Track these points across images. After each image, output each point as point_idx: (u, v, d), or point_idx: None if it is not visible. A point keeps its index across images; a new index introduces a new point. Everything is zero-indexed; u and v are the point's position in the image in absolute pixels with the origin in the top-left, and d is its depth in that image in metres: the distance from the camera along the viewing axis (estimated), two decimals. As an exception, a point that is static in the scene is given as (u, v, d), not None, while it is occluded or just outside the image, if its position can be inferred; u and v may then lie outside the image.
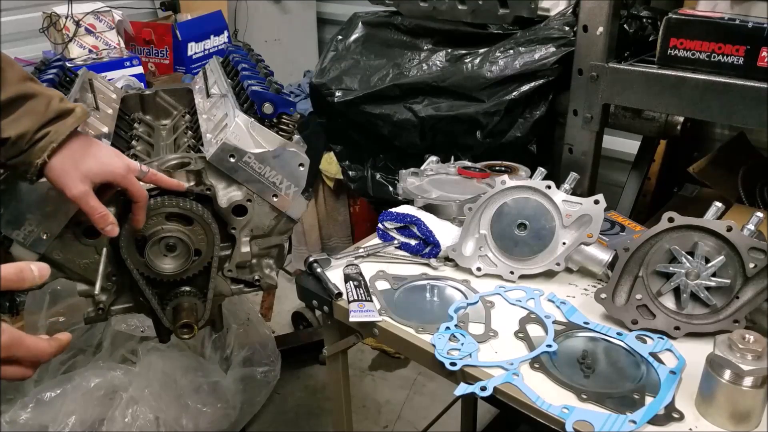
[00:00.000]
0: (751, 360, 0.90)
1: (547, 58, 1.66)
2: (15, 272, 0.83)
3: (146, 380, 1.92)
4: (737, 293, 1.09)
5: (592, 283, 1.32)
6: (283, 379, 2.32)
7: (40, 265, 0.86)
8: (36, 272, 0.85)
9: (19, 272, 0.83)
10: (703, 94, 1.32)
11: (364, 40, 2.09)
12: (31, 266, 0.85)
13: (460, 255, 1.34)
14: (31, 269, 0.85)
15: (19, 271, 0.83)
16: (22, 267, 0.84)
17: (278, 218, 1.33)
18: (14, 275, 0.83)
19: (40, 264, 0.87)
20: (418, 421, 2.47)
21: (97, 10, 2.89)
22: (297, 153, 1.28)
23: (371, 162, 2.16)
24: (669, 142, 2.03)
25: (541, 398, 0.98)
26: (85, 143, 1.10)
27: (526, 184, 1.31)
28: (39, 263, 0.87)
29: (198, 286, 1.34)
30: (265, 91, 1.37)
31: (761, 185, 1.75)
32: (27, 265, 0.85)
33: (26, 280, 0.84)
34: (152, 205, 1.21)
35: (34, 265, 0.86)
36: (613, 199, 1.93)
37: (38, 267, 0.86)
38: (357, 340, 1.30)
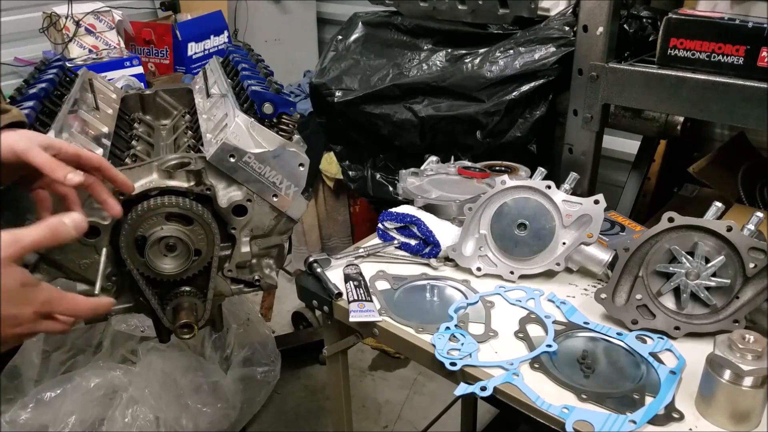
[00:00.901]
0: (751, 360, 0.90)
1: (547, 58, 1.66)
2: (48, 231, 0.81)
3: (146, 380, 1.92)
4: (737, 293, 1.09)
5: (592, 283, 1.32)
6: (283, 379, 2.33)
7: (74, 217, 0.83)
8: (70, 225, 0.83)
9: (53, 230, 0.81)
10: (703, 94, 1.32)
11: (364, 40, 2.09)
12: (63, 220, 0.83)
13: (460, 255, 1.34)
14: (64, 223, 0.82)
15: (52, 228, 0.81)
16: (54, 223, 0.81)
17: (278, 218, 1.33)
18: (49, 234, 0.81)
19: (74, 215, 0.83)
20: (418, 421, 2.47)
21: (97, 10, 2.89)
22: (297, 153, 1.28)
23: (371, 162, 2.16)
24: (669, 142, 2.03)
25: (541, 398, 0.98)
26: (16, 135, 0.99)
27: (526, 184, 1.31)
28: (72, 214, 0.84)
29: (198, 286, 1.34)
30: (265, 91, 1.37)
31: (761, 185, 1.75)
32: (59, 220, 0.82)
33: (61, 235, 0.82)
34: (152, 205, 1.21)
35: (67, 218, 0.83)
36: (613, 199, 1.93)
37: (72, 219, 0.83)
38: (357, 340, 1.30)
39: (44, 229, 0.81)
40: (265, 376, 2.21)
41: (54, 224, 0.82)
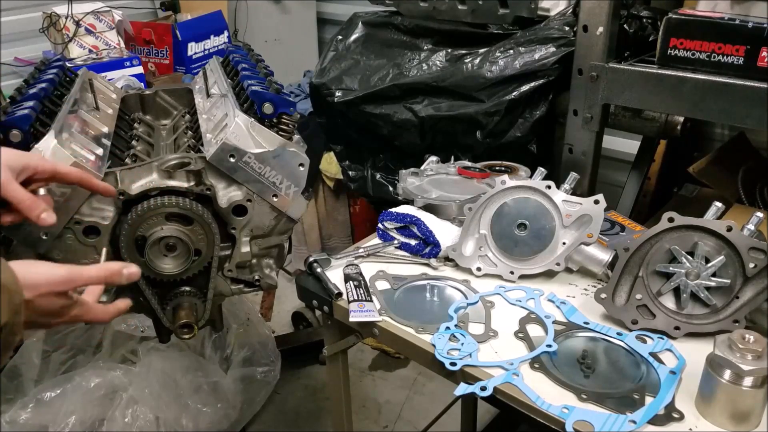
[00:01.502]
0: (751, 360, 0.90)
1: (547, 58, 1.66)
2: (105, 275, 0.93)
3: (146, 380, 1.92)
4: (737, 293, 1.09)
5: (592, 283, 1.32)
6: (283, 379, 2.32)
7: (132, 270, 0.95)
8: (125, 275, 0.94)
9: (109, 276, 0.93)
10: (703, 94, 1.32)
11: (364, 40, 2.09)
12: (123, 271, 0.94)
13: (460, 255, 1.34)
14: (121, 273, 0.94)
15: (109, 274, 0.93)
16: (114, 269, 0.94)
17: (278, 218, 1.33)
18: (103, 279, 0.93)
19: (132, 268, 0.95)
20: (418, 421, 2.47)
21: (97, 10, 2.89)
22: (297, 153, 1.28)
23: (371, 162, 2.16)
24: (669, 142, 2.03)
25: (541, 398, 0.98)
26: None
27: (526, 184, 1.31)
28: (131, 266, 0.95)
29: (198, 286, 1.34)
30: (265, 91, 1.37)
31: (761, 185, 1.75)
32: (119, 269, 0.94)
33: (114, 282, 0.95)
34: (152, 206, 1.21)
35: (125, 269, 0.95)
36: (613, 199, 1.93)
37: (129, 271, 0.95)
38: (357, 340, 1.30)
39: (102, 272, 0.93)
40: (265, 376, 2.21)
41: (113, 270, 0.94)
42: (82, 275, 0.90)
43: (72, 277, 0.88)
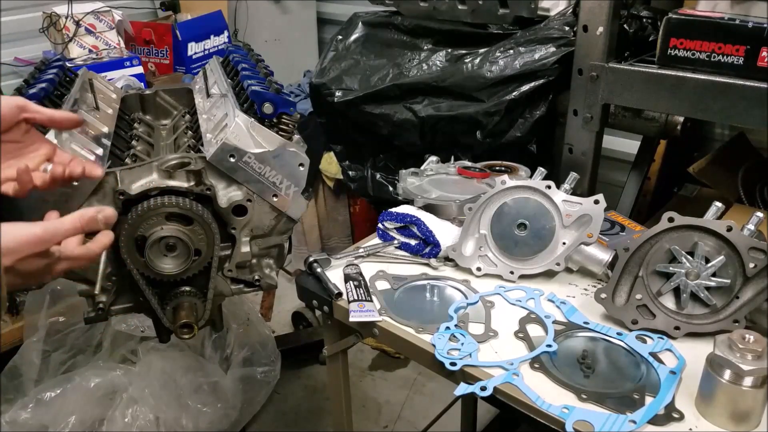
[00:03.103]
0: (751, 360, 0.90)
1: (547, 58, 1.66)
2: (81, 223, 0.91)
3: (146, 380, 1.92)
4: (737, 293, 1.09)
5: (592, 283, 1.32)
6: (283, 379, 2.32)
7: (107, 212, 0.93)
8: (101, 219, 0.93)
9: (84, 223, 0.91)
10: (703, 94, 1.32)
11: (364, 40, 2.09)
12: (98, 216, 0.92)
13: (460, 255, 1.34)
14: (96, 219, 0.92)
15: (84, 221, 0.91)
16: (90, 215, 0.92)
17: (278, 218, 1.33)
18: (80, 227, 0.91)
19: (107, 210, 0.93)
20: (418, 421, 2.47)
21: (97, 10, 2.89)
22: (297, 153, 1.28)
23: (371, 162, 2.16)
24: (669, 142, 2.03)
25: (541, 398, 0.98)
26: None
27: (526, 184, 1.31)
28: (106, 209, 0.93)
29: (198, 286, 1.34)
30: (265, 91, 1.37)
31: (761, 185, 1.75)
32: (93, 214, 0.92)
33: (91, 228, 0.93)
34: (152, 206, 1.21)
35: (101, 213, 0.93)
36: (613, 199, 1.93)
37: (105, 215, 0.92)
38: (357, 340, 1.30)
39: (78, 221, 0.91)
40: (265, 376, 2.21)
41: (89, 217, 0.92)
42: (59, 230, 0.88)
43: (48, 234, 0.87)
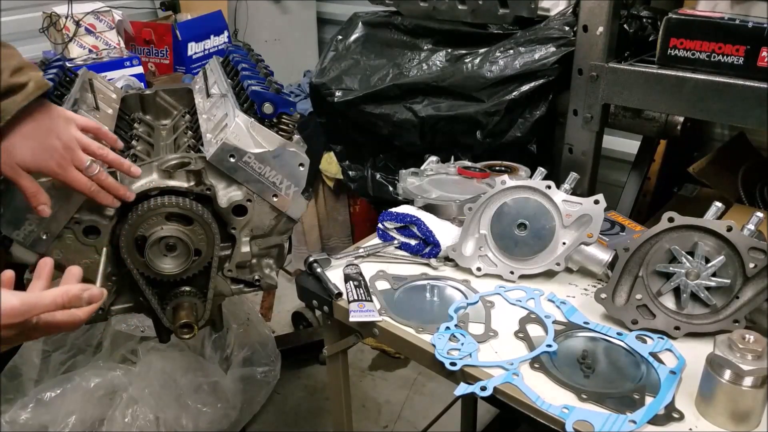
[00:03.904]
0: (751, 360, 0.90)
1: (547, 58, 1.66)
2: (64, 301, 0.88)
3: (146, 380, 1.92)
4: (737, 293, 1.09)
5: (592, 283, 1.32)
6: (283, 379, 2.32)
7: (93, 292, 0.90)
8: (85, 298, 0.89)
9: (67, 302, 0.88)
10: (703, 94, 1.32)
11: (364, 40, 2.09)
12: (83, 296, 0.89)
13: (460, 255, 1.34)
14: (80, 298, 0.89)
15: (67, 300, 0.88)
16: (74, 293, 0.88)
17: (278, 218, 1.33)
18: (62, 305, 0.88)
19: (93, 290, 0.90)
20: (418, 421, 2.47)
21: (97, 10, 2.89)
22: (297, 153, 1.28)
23: (371, 162, 2.16)
24: (669, 142, 2.03)
25: (541, 398, 0.98)
26: (35, 125, 1.06)
27: (526, 184, 1.31)
28: (92, 289, 0.90)
29: (198, 286, 1.34)
30: (265, 91, 1.37)
31: (761, 185, 1.75)
32: (78, 293, 0.88)
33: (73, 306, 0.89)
34: (152, 206, 1.21)
35: (86, 293, 0.89)
36: (613, 199, 1.93)
37: (90, 294, 0.89)
38: (357, 340, 1.30)
39: (60, 298, 0.88)
40: (265, 376, 2.21)
41: (72, 295, 0.89)
42: (37, 305, 0.85)
43: (26, 308, 0.83)
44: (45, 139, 1.07)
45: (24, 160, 1.06)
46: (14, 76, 1.03)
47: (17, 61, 1.04)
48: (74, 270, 0.96)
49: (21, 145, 1.05)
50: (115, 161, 1.15)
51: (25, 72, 1.05)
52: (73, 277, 0.96)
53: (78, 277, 0.96)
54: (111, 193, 1.15)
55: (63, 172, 1.09)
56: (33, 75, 1.06)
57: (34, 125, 1.06)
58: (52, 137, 1.07)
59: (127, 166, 1.16)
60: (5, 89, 1.02)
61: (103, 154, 1.13)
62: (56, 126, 1.08)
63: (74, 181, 1.11)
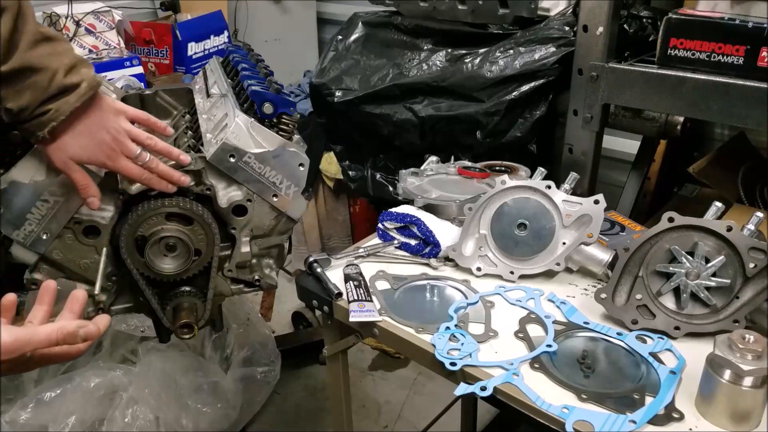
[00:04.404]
0: (751, 360, 0.90)
1: (547, 58, 1.66)
2: (59, 337, 0.86)
3: (146, 380, 1.92)
4: (737, 293, 1.09)
5: (592, 283, 1.32)
6: (283, 379, 2.32)
7: (90, 329, 0.88)
8: (81, 334, 0.88)
9: (63, 337, 0.86)
10: (703, 94, 1.32)
11: (364, 40, 2.09)
12: (79, 332, 0.87)
13: (460, 255, 1.34)
14: (75, 335, 0.87)
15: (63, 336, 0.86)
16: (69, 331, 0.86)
17: (278, 218, 1.33)
18: (58, 340, 0.86)
19: (90, 327, 0.88)
20: (418, 421, 2.47)
21: (97, 10, 2.89)
22: (297, 153, 1.28)
23: (371, 162, 2.16)
24: (669, 142, 2.03)
25: (541, 398, 0.98)
26: (86, 121, 1.09)
27: (526, 184, 1.31)
28: (89, 326, 0.88)
29: (198, 286, 1.34)
30: (265, 91, 1.36)
31: (761, 185, 1.75)
32: (74, 330, 0.86)
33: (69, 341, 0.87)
34: (152, 206, 1.21)
35: (82, 330, 0.87)
36: (613, 199, 1.93)
37: (86, 331, 0.87)
38: (357, 340, 1.30)
39: (55, 334, 0.86)
40: (265, 376, 2.21)
41: (68, 332, 0.87)
42: (31, 341, 0.84)
43: (18, 344, 0.83)
44: (96, 133, 1.10)
45: (76, 154, 1.09)
46: (68, 75, 1.04)
47: (70, 59, 1.06)
48: (78, 295, 0.95)
49: (73, 142, 1.08)
50: (164, 150, 1.17)
51: (78, 70, 1.06)
52: (77, 302, 0.94)
53: (82, 303, 0.95)
54: (164, 179, 1.18)
55: (113, 163, 1.13)
56: (85, 74, 1.07)
57: (85, 121, 1.09)
58: (102, 131, 1.10)
59: (176, 154, 1.18)
60: (59, 90, 1.04)
61: (151, 144, 1.15)
62: (106, 119, 1.11)
63: (125, 170, 1.14)
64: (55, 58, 1.04)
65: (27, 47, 1.01)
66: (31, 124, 1.05)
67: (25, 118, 1.04)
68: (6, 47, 0.99)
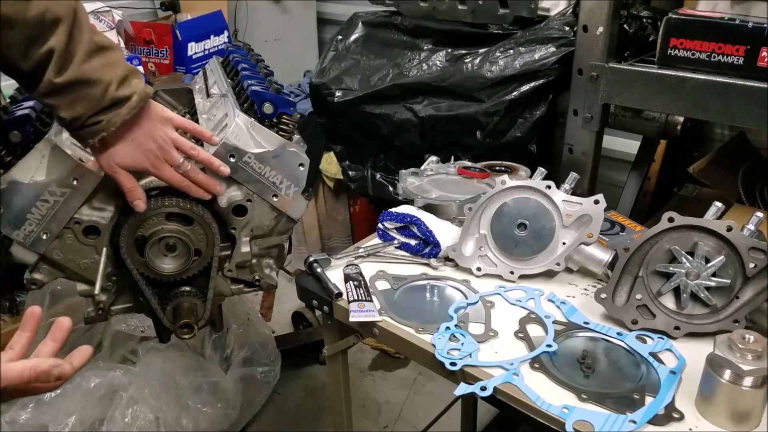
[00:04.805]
0: (751, 360, 0.90)
1: (547, 58, 1.66)
2: (32, 375, 0.83)
3: (146, 380, 1.92)
4: (737, 293, 1.09)
5: (592, 283, 1.32)
6: (283, 379, 2.32)
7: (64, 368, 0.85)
8: (55, 374, 0.85)
9: (36, 376, 0.83)
10: (703, 94, 1.32)
11: (364, 40, 2.09)
12: (53, 372, 0.84)
13: (460, 255, 1.34)
14: (49, 374, 0.84)
15: (36, 374, 0.83)
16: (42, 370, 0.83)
17: (278, 218, 1.33)
18: (32, 378, 0.83)
19: (65, 367, 0.85)
20: (418, 421, 2.47)
21: (97, 10, 2.89)
22: (297, 153, 1.28)
23: (371, 162, 2.16)
24: (669, 142, 2.03)
25: (541, 398, 0.98)
26: (135, 130, 1.12)
27: (526, 184, 1.31)
28: (64, 366, 0.85)
29: (198, 286, 1.34)
30: (265, 91, 1.37)
31: (761, 185, 1.75)
32: (48, 369, 0.84)
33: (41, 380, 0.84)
34: (152, 206, 1.21)
35: (56, 369, 0.85)
36: (613, 199, 1.93)
37: (60, 370, 0.85)
38: (357, 340, 1.30)
39: (27, 372, 0.83)
40: (265, 376, 2.21)
41: (41, 371, 0.84)
42: (4, 377, 0.82)
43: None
44: (143, 142, 1.13)
45: (123, 161, 1.13)
46: (120, 88, 1.07)
47: (122, 70, 1.08)
48: (63, 323, 0.93)
49: (121, 149, 1.12)
50: (206, 160, 1.20)
51: (129, 82, 1.09)
52: (60, 331, 0.92)
53: (66, 331, 0.92)
54: (202, 187, 1.21)
55: (157, 171, 1.16)
56: (136, 85, 1.10)
57: (134, 130, 1.12)
58: (149, 140, 1.14)
59: (217, 165, 1.21)
60: (111, 102, 1.06)
61: (194, 154, 1.18)
62: (154, 128, 1.14)
63: (167, 177, 1.18)
64: (108, 69, 1.06)
65: (82, 59, 1.03)
66: (82, 132, 1.08)
67: (77, 126, 1.07)
68: (62, 59, 1.01)
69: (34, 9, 0.98)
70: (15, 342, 0.90)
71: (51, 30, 1.00)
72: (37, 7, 0.98)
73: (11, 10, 0.97)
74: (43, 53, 1.00)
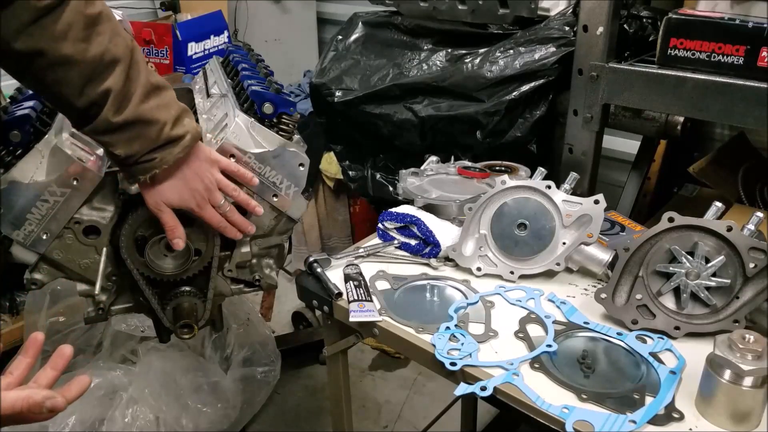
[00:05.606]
0: (751, 360, 0.90)
1: (547, 58, 1.66)
2: (24, 405, 0.83)
3: (146, 380, 1.92)
4: (737, 293, 1.09)
5: (592, 283, 1.32)
6: (283, 379, 2.32)
7: (57, 401, 0.85)
8: (48, 406, 0.85)
9: (30, 406, 0.83)
10: (703, 94, 1.32)
11: (364, 40, 2.09)
12: (46, 404, 0.84)
13: (460, 255, 1.34)
14: (41, 405, 0.84)
15: (29, 405, 0.83)
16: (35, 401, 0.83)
17: (278, 218, 1.33)
18: (25, 407, 0.83)
19: (58, 400, 0.85)
20: (418, 421, 2.47)
21: (97, 10, 2.89)
22: (297, 153, 1.28)
23: (371, 162, 2.16)
24: (669, 142, 2.03)
25: (541, 398, 0.98)
26: (185, 169, 1.15)
27: (526, 184, 1.31)
28: (57, 399, 0.85)
29: (198, 286, 1.34)
30: (265, 91, 1.36)
31: (761, 185, 1.75)
32: (41, 401, 0.84)
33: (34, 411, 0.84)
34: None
35: (49, 401, 0.85)
36: (613, 199, 1.93)
37: (53, 403, 0.85)
38: (357, 340, 1.30)
39: (20, 402, 0.84)
40: (265, 376, 2.21)
41: (33, 402, 0.84)
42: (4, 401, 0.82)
43: None
44: (190, 182, 1.16)
45: (170, 199, 1.16)
46: (174, 128, 1.10)
47: (176, 110, 1.11)
48: (64, 351, 0.94)
49: (169, 187, 1.15)
50: (244, 201, 1.24)
51: (182, 121, 1.12)
52: (61, 359, 0.94)
53: (66, 359, 0.94)
54: (236, 227, 1.24)
55: (200, 211, 1.19)
56: (188, 124, 1.13)
57: (184, 169, 1.15)
58: (197, 180, 1.16)
59: (253, 206, 1.25)
60: (166, 141, 1.09)
61: (235, 196, 1.22)
62: (201, 169, 1.17)
63: (209, 218, 1.20)
64: (164, 109, 1.09)
65: (139, 100, 1.05)
66: (135, 169, 1.11)
67: (130, 163, 1.10)
68: (119, 99, 1.03)
69: (94, 50, 1.01)
70: (15, 367, 0.91)
71: (109, 70, 1.02)
72: (96, 48, 1.01)
73: (72, 51, 0.99)
74: (99, 92, 1.02)
